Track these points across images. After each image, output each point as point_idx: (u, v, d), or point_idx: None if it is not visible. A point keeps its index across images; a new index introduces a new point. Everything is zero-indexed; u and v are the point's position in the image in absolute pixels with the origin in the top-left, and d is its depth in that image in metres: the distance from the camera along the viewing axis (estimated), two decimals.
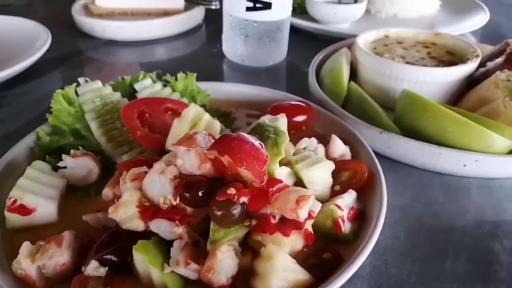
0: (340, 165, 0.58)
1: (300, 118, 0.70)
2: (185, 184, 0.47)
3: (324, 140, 0.64)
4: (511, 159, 0.59)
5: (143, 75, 0.74)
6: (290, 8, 0.95)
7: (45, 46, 0.95)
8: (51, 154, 0.62)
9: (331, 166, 0.54)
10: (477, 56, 0.75)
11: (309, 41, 1.13)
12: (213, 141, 0.50)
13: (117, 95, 0.70)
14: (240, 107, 0.77)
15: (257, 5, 0.89)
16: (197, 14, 1.18)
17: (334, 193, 0.54)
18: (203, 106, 0.74)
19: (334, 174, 0.56)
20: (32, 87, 0.92)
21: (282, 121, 0.63)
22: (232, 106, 0.76)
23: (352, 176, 0.57)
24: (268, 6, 0.89)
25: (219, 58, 1.03)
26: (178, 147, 0.48)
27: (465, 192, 0.62)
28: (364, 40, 0.83)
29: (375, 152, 0.66)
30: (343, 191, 0.54)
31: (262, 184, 0.46)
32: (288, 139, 0.53)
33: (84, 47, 1.11)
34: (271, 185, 0.47)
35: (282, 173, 0.51)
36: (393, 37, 0.86)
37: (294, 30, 1.14)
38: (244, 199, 0.45)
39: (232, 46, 0.97)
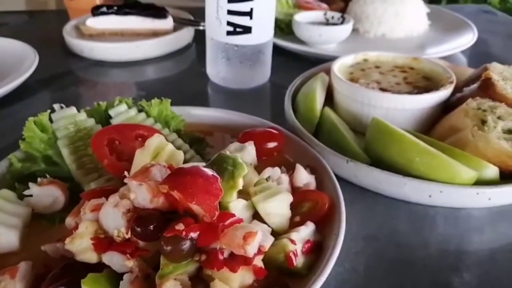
0: (302, 196, 0.58)
1: (271, 145, 0.70)
2: (136, 218, 0.47)
3: (294, 168, 0.64)
4: (475, 190, 0.59)
5: (118, 101, 0.75)
6: (272, 32, 0.95)
7: (32, 67, 0.97)
8: (22, 180, 0.63)
9: (289, 198, 0.54)
10: (451, 82, 0.75)
11: (295, 61, 1.14)
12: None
13: (91, 122, 0.71)
14: (215, 132, 0.77)
15: (237, 29, 0.90)
16: (185, 35, 1.20)
17: (294, 224, 0.54)
18: (177, 131, 0.75)
19: (296, 204, 0.56)
20: (18, 108, 0.94)
21: (249, 149, 0.64)
22: (207, 131, 0.77)
23: (313, 207, 0.57)
24: (248, 30, 0.90)
25: (205, 79, 1.04)
26: (131, 181, 0.49)
27: (431, 222, 0.62)
28: (341, 64, 0.83)
29: (344, 180, 0.67)
30: (302, 222, 0.54)
31: (213, 219, 0.47)
32: (246, 171, 0.53)
33: (74, 68, 1.13)
34: (223, 219, 0.47)
35: (238, 206, 0.51)
36: (372, 61, 0.86)
37: (281, 50, 1.15)
38: (193, 234, 0.46)
39: (215, 69, 0.98)
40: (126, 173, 0.53)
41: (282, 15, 1.23)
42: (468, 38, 1.16)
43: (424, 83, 0.79)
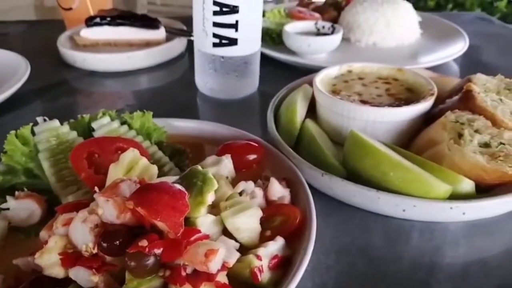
0: (274, 210, 0.58)
1: (250, 157, 0.70)
2: (103, 233, 0.48)
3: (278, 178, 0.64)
4: (449, 204, 0.59)
5: (102, 113, 0.76)
6: (259, 43, 0.96)
7: (23, 78, 0.98)
8: (3, 193, 0.64)
9: (258, 213, 0.54)
10: (432, 94, 0.75)
11: (285, 70, 1.14)
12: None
13: (74, 134, 0.72)
14: (197, 144, 0.78)
15: (223, 41, 0.90)
16: (177, 45, 1.21)
17: (265, 238, 0.54)
18: (159, 142, 0.76)
19: (268, 218, 0.57)
20: (9, 119, 0.95)
21: (225, 162, 0.65)
22: (190, 143, 0.77)
23: (284, 221, 0.57)
24: (234, 42, 0.90)
25: (195, 89, 1.05)
26: (98, 196, 0.49)
27: (406, 235, 0.61)
28: (325, 76, 0.83)
29: (321, 193, 0.67)
30: (273, 236, 0.54)
31: (178, 235, 0.47)
32: (216, 186, 0.53)
33: (68, 78, 1.14)
34: (188, 235, 0.48)
35: (206, 222, 0.51)
36: (356, 72, 0.86)
37: (271, 60, 1.16)
38: (156, 251, 0.46)
39: (202, 80, 0.99)
40: (96, 188, 0.54)
41: (274, 25, 1.23)
42: (459, 47, 1.16)
43: (406, 94, 0.79)
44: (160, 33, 1.21)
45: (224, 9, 0.87)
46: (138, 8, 2.78)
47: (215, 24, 0.89)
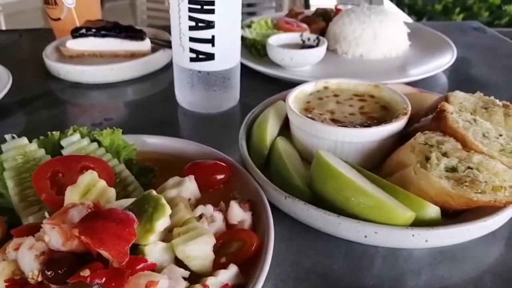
0: (230, 235, 0.57)
1: (218, 177, 0.70)
2: (47, 261, 0.48)
3: (240, 201, 0.63)
4: (411, 232, 0.57)
5: (72, 130, 0.76)
6: (238, 57, 0.95)
7: (4, 90, 0.98)
8: None
9: (210, 240, 0.53)
10: (405, 114, 0.73)
11: (269, 83, 1.13)
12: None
13: (41, 152, 0.72)
14: (167, 161, 0.77)
15: (200, 56, 0.90)
16: (161, 57, 1.20)
17: (219, 265, 0.54)
18: (129, 160, 0.76)
19: (224, 244, 0.56)
20: None
21: (187, 184, 0.64)
22: (160, 160, 0.77)
23: (240, 247, 0.56)
24: (211, 57, 0.90)
25: (177, 102, 1.04)
26: (45, 223, 0.49)
27: (369, 262, 0.60)
28: (299, 92, 0.82)
29: (287, 216, 0.66)
30: (228, 263, 0.53)
31: (122, 264, 0.46)
32: (167, 213, 0.53)
33: (53, 89, 1.14)
34: (134, 265, 0.47)
35: (155, 250, 0.50)
36: (332, 89, 0.85)
37: (254, 72, 1.15)
38: (98, 281, 0.45)
39: (182, 94, 0.98)
40: (46, 213, 0.53)
41: (260, 36, 1.22)
42: (447, 59, 1.14)
43: (380, 113, 0.77)
44: (145, 44, 1.21)
45: (200, 24, 0.86)
46: (138, 14, 2.79)
47: (192, 39, 0.88)
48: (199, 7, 0.85)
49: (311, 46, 1.16)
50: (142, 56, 1.19)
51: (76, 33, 1.20)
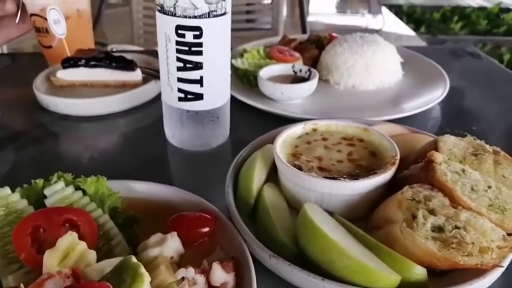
0: None
1: (202, 230, 0.68)
2: None
3: (223, 261, 0.62)
4: None
5: (56, 177, 0.75)
6: (227, 95, 0.94)
7: None
8: None
9: None
10: (393, 163, 0.72)
11: (260, 116, 1.12)
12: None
13: (24, 203, 0.71)
14: (153, 209, 0.76)
15: (189, 96, 0.89)
16: (152, 88, 1.19)
17: None
18: (114, 208, 0.74)
19: None
20: None
21: (169, 243, 0.63)
22: (146, 207, 0.76)
23: None
24: (199, 97, 0.89)
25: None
26: None
27: None
28: (287, 136, 0.81)
29: (272, 273, 0.64)
30: None
31: None
32: (146, 282, 0.51)
33: (43, 121, 1.13)
34: None
35: None
36: (321, 131, 0.84)
37: (245, 104, 1.14)
38: None
39: (170, 131, 0.97)
40: (22, 286, 0.52)
41: (252, 66, 1.22)
42: (440, 91, 1.13)
43: (369, 160, 0.76)
44: (136, 75, 1.21)
45: (188, 65, 0.85)
46: (134, 21, 2.78)
47: (180, 79, 0.87)
48: (186, 48, 0.84)
49: (303, 78, 1.15)
50: (133, 87, 1.18)
51: (66, 63, 1.19)
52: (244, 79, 1.20)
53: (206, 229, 0.68)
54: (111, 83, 1.21)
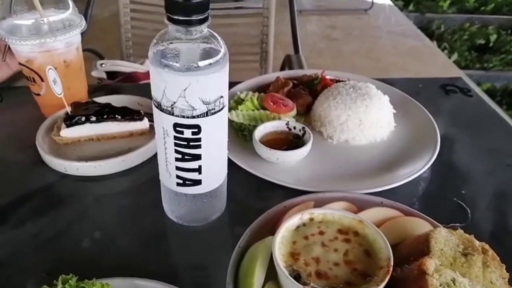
0: None
1: None
2: None
3: None
4: None
5: (61, 283, 0.75)
6: (224, 175, 0.94)
7: None
8: None
9: None
10: (387, 272, 0.73)
11: (258, 180, 1.08)
12: None
13: None
14: None
15: (187, 182, 0.88)
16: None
17: None
18: None
19: None
20: None
21: None
22: None
23: None
24: (198, 183, 0.88)
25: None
26: None
27: None
28: (286, 230, 0.80)
29: None
30: None
31: None
32: None
33: (41, 184, 1.10)
34: None
35: None
36: (317, 221, 0.83)
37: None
38: None
39: (169, 207, 0.96)
40: None
41: (247, 119, 1.20)
42: (430, 153, 1.12)
43: (364, 263, 0.76)
44: (143, 124, 1.18)
45: (186, 157, 0.84)
46: (122, 24, 2.68)
47: (178, 168, 0.86)
48: (185, 143, 0.82)
49: (296, 135, 1.15)
50: (140, 134, 1.18)
51: (70, 121, 1.14)
52: (239, 132, 1.19)
53: None
54: (118, 134, 1.18)
